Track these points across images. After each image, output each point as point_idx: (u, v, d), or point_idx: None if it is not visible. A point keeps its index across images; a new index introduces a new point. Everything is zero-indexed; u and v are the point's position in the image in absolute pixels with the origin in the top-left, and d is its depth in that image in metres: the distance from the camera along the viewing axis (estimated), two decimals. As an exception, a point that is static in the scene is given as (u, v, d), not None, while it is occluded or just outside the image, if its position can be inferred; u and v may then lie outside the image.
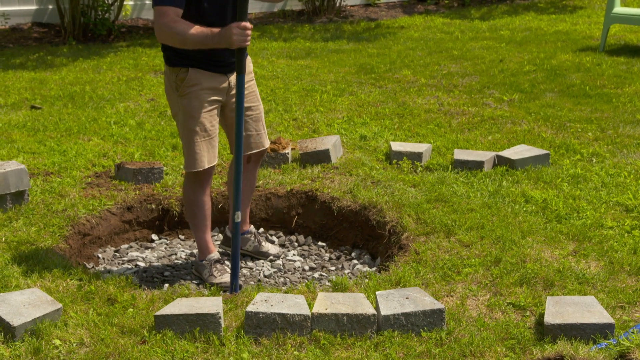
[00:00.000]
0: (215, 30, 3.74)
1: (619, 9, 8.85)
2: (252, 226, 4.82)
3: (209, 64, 4.03)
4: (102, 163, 5.60)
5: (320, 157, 5.62)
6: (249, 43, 3.78)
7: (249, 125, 4.34)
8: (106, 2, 10.03)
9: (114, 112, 6.87)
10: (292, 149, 5.78)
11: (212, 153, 4.16)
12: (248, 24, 3.73)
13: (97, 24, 9.83)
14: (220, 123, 4.28)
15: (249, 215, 4.76)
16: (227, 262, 4.56)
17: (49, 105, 7.03)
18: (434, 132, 6.31)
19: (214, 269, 4.35)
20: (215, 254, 4.40)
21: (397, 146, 5.72)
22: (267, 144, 4.44)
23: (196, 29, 3.74)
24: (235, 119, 3.96)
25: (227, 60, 4.10)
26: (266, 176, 5.41)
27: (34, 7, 10.14)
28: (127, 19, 10.66)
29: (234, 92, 4.14)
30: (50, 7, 10.14)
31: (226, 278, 4.30)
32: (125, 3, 10.34)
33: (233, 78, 4.14)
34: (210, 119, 4.10)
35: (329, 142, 5.70)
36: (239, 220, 4.08)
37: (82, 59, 8.75)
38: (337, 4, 11.38)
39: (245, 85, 4.17)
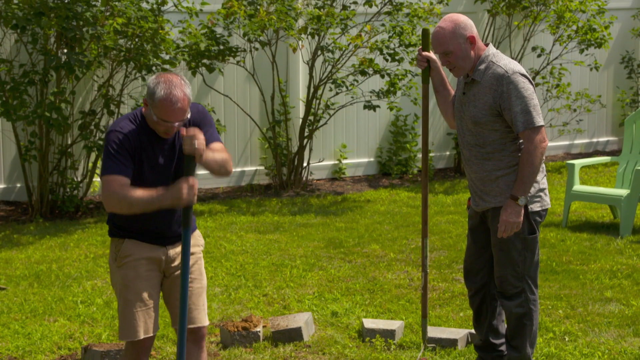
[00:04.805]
0: (161, 190, 3.84)
1: (578, 187, 9.12)
2: None
3: (144, 235, 4.10)
4: (68, 345, 5.45)
5: (292, 335, 5.55)
6: (196, 200, 3.85)
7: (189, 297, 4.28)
8: (75, 179, 10.11)
9: (81, 290, 6.77)
10: (263, 326, 5.71)
11: (148, 323, 4.14)
12: (196, 181, 3.81)
13: (65, 201, 9.84)
14: (162, 296, 4.29)
15: None
16: None
17: (14, 286, 6.91)
18: (405, 308, 6.29)
19: None
20: None
21: (369, 323, 5.68)
22: (205, 322, 4.26)
23: (141, 191, 3.86)
24: (180, 284, 3.93)
25: (166, 233, 4.15)
26: (237, 356, 5.30)
27: (1, 186, 10.18)
28: (95, 195, 10.70)
29: (174, 264, 4.18)
30: (19, 185, 10.18)
31: None
32: (94, 180, 10.42)
33: (173, 251, 4.18)
34: (147, 289, 4.12)
35: (301, 320, 5.65)
36: None
37: (49, 237, 8.71)
38: (304, 178, 11.57)
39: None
